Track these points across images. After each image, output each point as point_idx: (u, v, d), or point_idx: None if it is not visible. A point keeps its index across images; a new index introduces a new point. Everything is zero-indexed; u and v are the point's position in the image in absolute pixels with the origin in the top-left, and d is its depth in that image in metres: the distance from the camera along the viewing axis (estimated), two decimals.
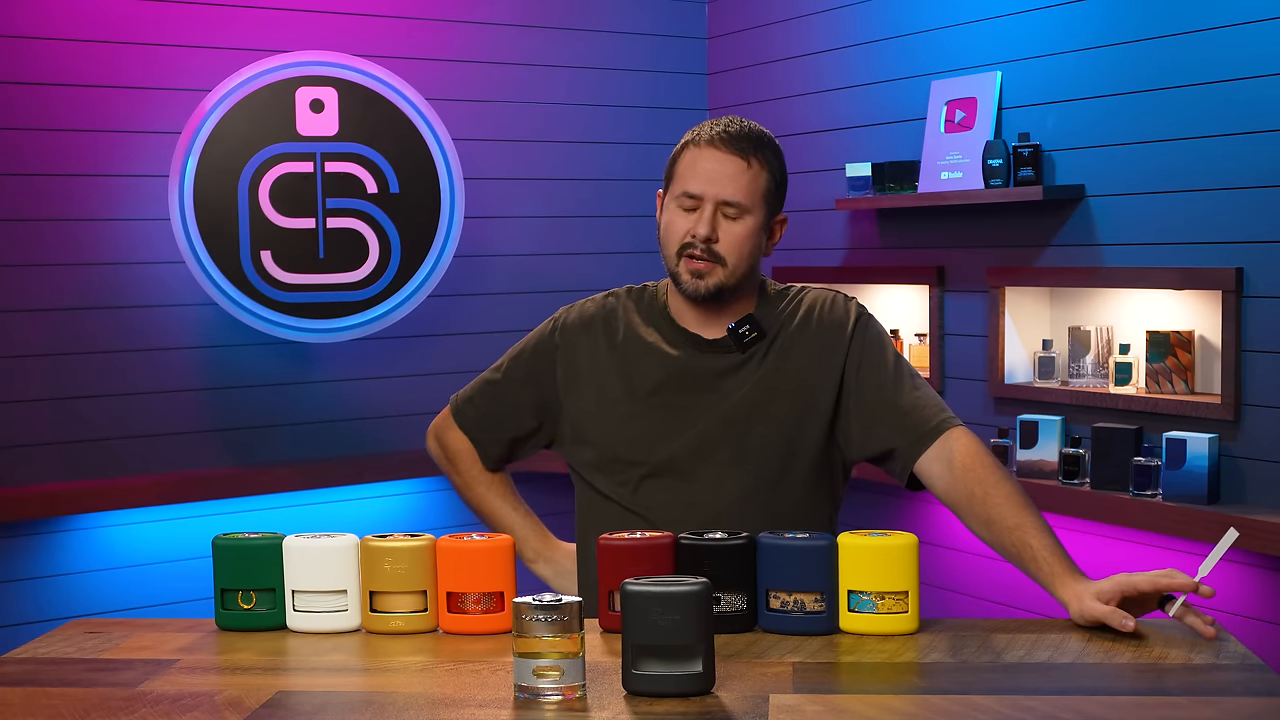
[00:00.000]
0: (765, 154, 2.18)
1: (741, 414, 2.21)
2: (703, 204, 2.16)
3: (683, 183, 2.18)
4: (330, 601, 2.02)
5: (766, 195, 2.19)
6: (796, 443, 2.22)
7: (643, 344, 2.27)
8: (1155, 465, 3.39)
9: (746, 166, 2.16)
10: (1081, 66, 3.64)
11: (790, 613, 1.95)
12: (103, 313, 3.99)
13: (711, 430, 2.22)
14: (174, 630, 2.06)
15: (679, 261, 2.19)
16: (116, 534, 4.01)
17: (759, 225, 2.19)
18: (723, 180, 2.15)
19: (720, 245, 2.16)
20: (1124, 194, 3.57)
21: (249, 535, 2.06)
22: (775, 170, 2.20)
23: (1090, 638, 1.92)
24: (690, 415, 2.23)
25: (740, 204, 2.16)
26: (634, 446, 2.24)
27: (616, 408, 2.25)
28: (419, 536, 2.03)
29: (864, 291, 4.43)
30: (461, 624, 2.00)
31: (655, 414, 2.24)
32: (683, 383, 2.24)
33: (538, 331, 2.37)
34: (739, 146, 2.16)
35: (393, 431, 4.41)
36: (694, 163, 2.17)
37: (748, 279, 2.23)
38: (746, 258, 2.19)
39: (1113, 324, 3.69)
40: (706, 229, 2.15)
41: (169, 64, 4.02)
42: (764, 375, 2.23)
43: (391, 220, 4.13)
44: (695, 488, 2.22)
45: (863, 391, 2.21)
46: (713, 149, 2.16)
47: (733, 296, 2.23)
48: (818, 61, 4.46)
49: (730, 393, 2.22)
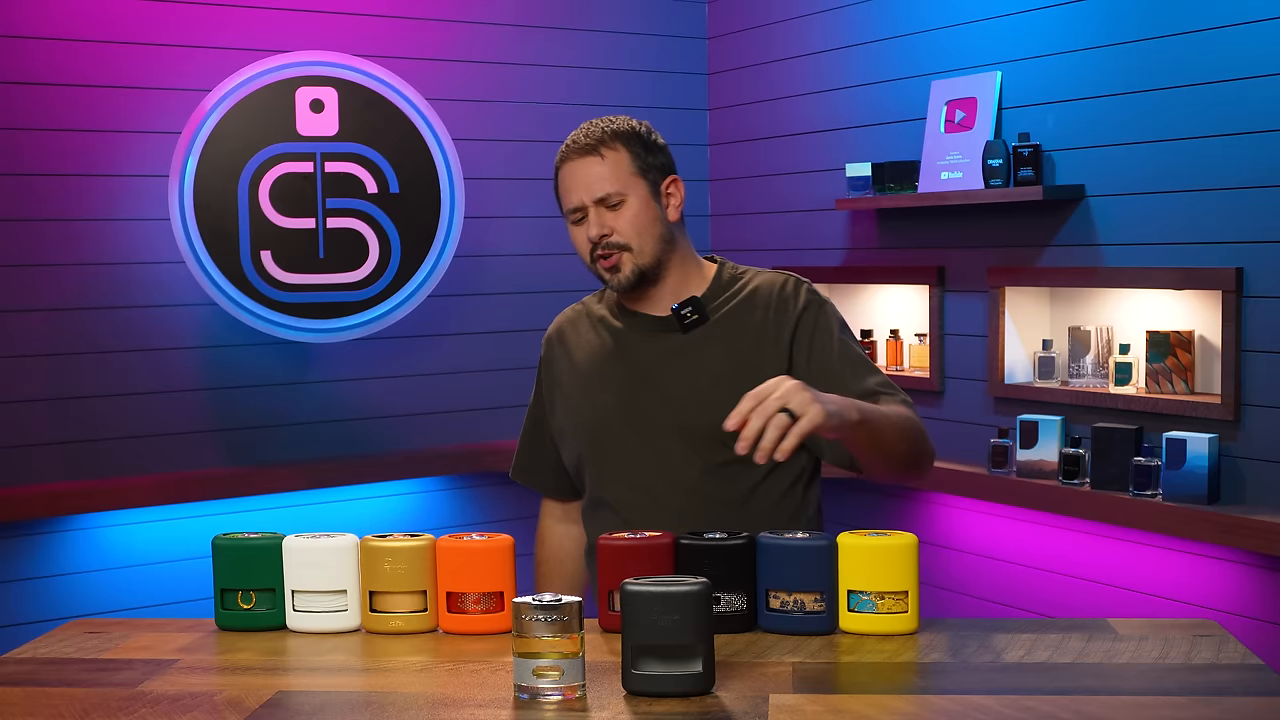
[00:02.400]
0: (613, 140, 2.29)
1: (685, 396, 2.28)
2: (586, 210, 2.29)
3: (564, 203, 2.32)
4: (330, 601, 2.02)
5: (637, 171, 2.29)
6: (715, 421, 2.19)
7: (598, 337, 2.38)
8: (1155, 465, 3.38)
9: (601, 160, 2.28)
10: (1081, 66, 3.64)
11: (790, 613, 1.95)
12: (103, 313, 3.99)
13: (660, 415, 2.28)
14: (174, 630, 2.06)
15: (595, 266, 2.31)
16: (116, 534, 4.01)
17: (645, 200, 2.29)
18: (587, 182, 2.28)
19: (616, 235, 2.28)
20: (1124, 194, 3.57)
21: (249, 535, 2.06)
22: (634, 147, 2.30)
23: (1090, 638, 1.92)
24: (641, 400, 2.30)
25: (612, 192, 2.27)
26: (596, 439, 2.33)
27: (581, 404, 2.36)
28: (419, 536, 2.03)
29: (864, 291, 4.43)
30: (461, 624, 2.00)
31: (611, 405, 2.32)
32: (632, 363, 2.32)
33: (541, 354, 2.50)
34: (585, 149, 2.29)
35: (393, 431, 4.41)
36: (562, 182, 2.32)
37: (666, 251, 2.31)
38: (647, 232, 2.29)
39: (1113, 324, 3.69)
40: (597, 230, 2.28)
41: (169, 64, 4.02)
42: (708, 358, 2.29)
43: (391, 220, 4.13)
44: (654, 476, 2.28)
45: (810, 378, 2.21)
46: (568, 164, 2.30)
47: (659, 273, 2.31)
48: (818, 61, 4.46)
49: (676, 375, 2.30)
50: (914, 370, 4.20)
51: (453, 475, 4.43)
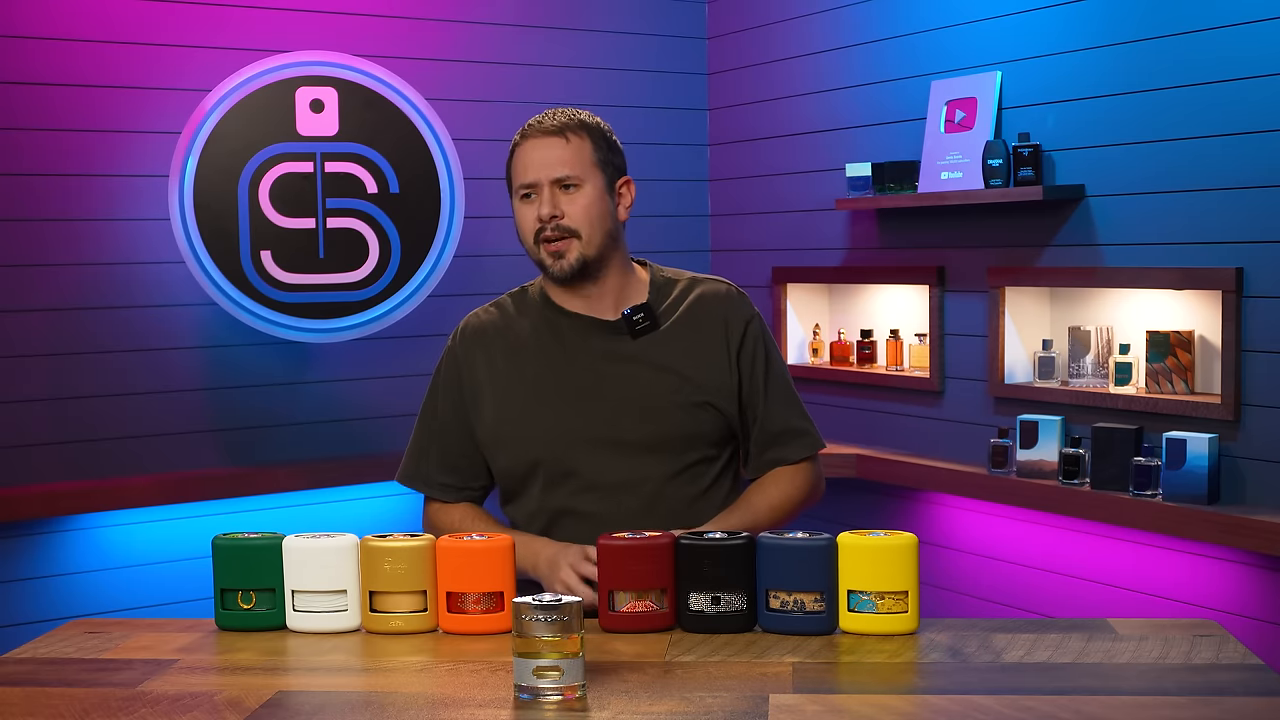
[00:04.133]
0: (583, 129, 2.32)
1: (647, 403, 2.29)
2: (540, 189, 2.30)
3: (518, 178, 2.33)
4: (330, 601, 2.02)
5: (596, 162, 2.32)
6: (683, 426, 2.30)
7: (529, 340, 2.36)
8: (1155, 465, 3.39)
9: (566, 143, 2.30)
10: (1081, 66, 3.64)
11: (790, 612, 1.95)
12: (103, 313, 3.99)
13: (624, 422, 2.29)
14: (174, 630, 2.06)
15: (539, 249, 2.33)
16: (116, 534, 4.01)
17: (599, 192, 2.31)
18: (549, 162, 2.29)
19: (567, 219, 2.29)
20: (1124, 194, 3.57)
21: (249, 535, 2.06)
22: (598, 140, 2.33)
23: (1090, 638, 1.92)
24: (602, 408, 2.29)
25: (572, 175, 2.29)
26: (556, 449, 2.30)
27: (531, 411, 2.32)
28: (419, 536, 2.03)
29: (865, 292, 4.43)
30: (461, 624, 2.00)
31: (572, 414, 2.30)
32: (586, 370, 2.32)
33: (445, 354, 2.45)
34: (554, 130, 2.31)
35: (393, 431, 4.40)
36: (521, 158, 2.33)
37: (609, 249, 2.33)
38: (597, 223, 2.31)
39: (1113, 324, 3.69)
40: (549, 208, 2.29)
41: (169, 64, 4.02)
42: (664, 363, 2.31)
43: (391, 220, 4.13)
44: (621, 483, 2.28)
45: (741, 391, 2.36)
46: (532, 140, 2.32)
47: (601, 268, 2.33)
48: (818, 61, 4.46)
49: (635, 381, 2.30)
50: (914, 370, 4.20)
51: None
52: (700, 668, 1.82)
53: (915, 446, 4.17)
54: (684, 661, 1.84)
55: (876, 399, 4.31)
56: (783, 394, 2.39)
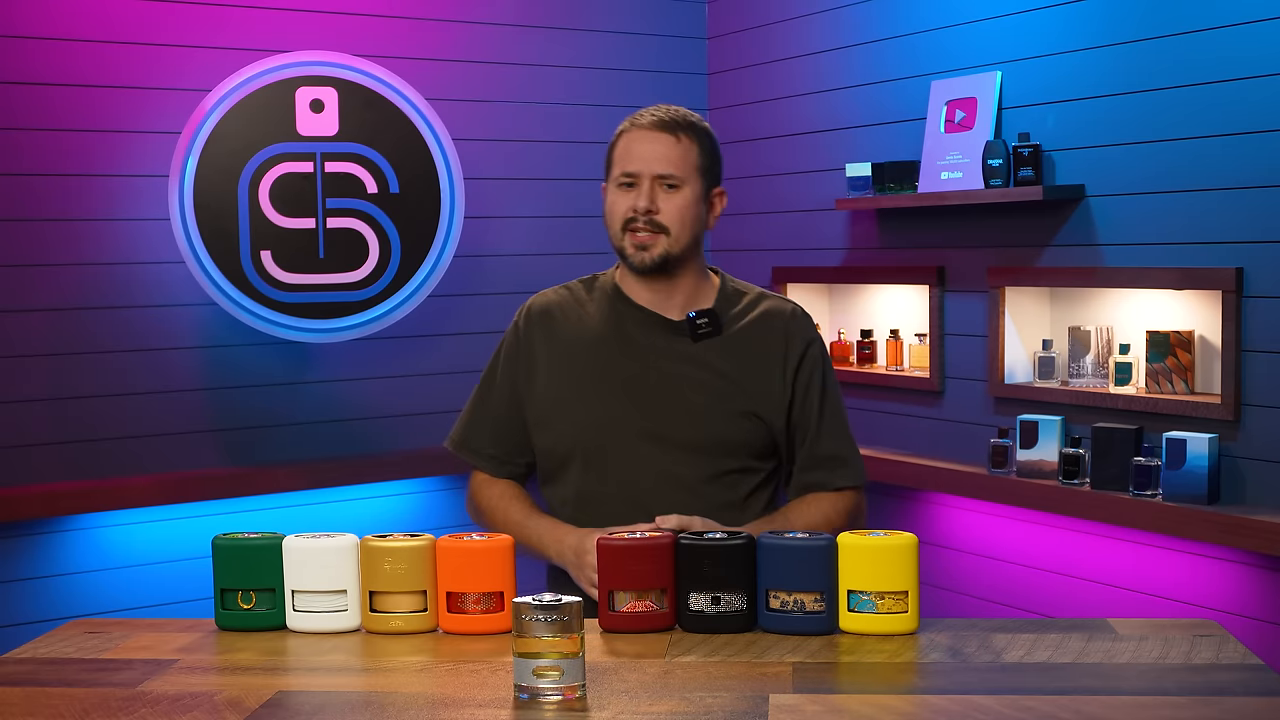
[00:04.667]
0: (694, 132, 2.34)
1: (698, 406, 2.30)
2: (641, 180, 2.31)
3: (621, 165, 2.33)
4: (330, 601, 2.02)
5: (700, 168, 2.33)
6: (725, 432, 2.32)
7: (592, 325, 2.38)
8: (1155, 465, 3.38)
9: (676, 141, 2.31)
10: (1081, 66, 3.64)
11: (790, 612, 1.95)
12: (103, 313, 3.99)
13: (673, 421, 2.30)
14: (174, 630, 2.06)
15: (624, 237, 2.33)
16: (116, 534, 4.01)
17: (697, 196, 2.33)
18: (656, 156, 2.30)
19: (661, 216, 2.30)
20: (1124, 194, 3.57)
21: (249, 535, 2.06)
22: (706, 146, 2.36)
23: (1090, 638, 1.92)
24: (653, 404, 2.31)
25: (676, 176, 2.30)
26: (601, 436, 2.32)
27: (583, 396, 2.34)
28: (419, 536, 2.03)
29: (865, 292, 4.43)
30: (461, 624, 2.00)
31: (621, 405, 2.32)
32: (643, 364, 2.33)
33: (509, 328, 2.48)
34: (669, 126, 2.32)
35: (392, 431, 4.41)
36: (629, 146, 2.33)
37: (691, 251, 2.35)
38: (688, 226, 2.32)
39: (1113, 324, 3.69)
40: (646, 201, 2.30)
41: (169, 64, 4.02)
42: (720, 370, 2.33)
43: (391, 220, 4.13)
44: (660, 478, 2.29)
45: (791, 412, 2.37)
46: (645, 131, 2.32)
47: (679, 269, 2.35)
48: (818, 61, 4.46)
49: (690, 383, 2.32)
50: (914, 370, 4.20)
51: (453, 475, 4.43)
52: (700, 668, 1.82)
53: (915, 446, 4.17)
54: (684, 661, 1.84)
55: (876, 399, 4.30)
56: (835, 421, 2.40)
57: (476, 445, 2.46)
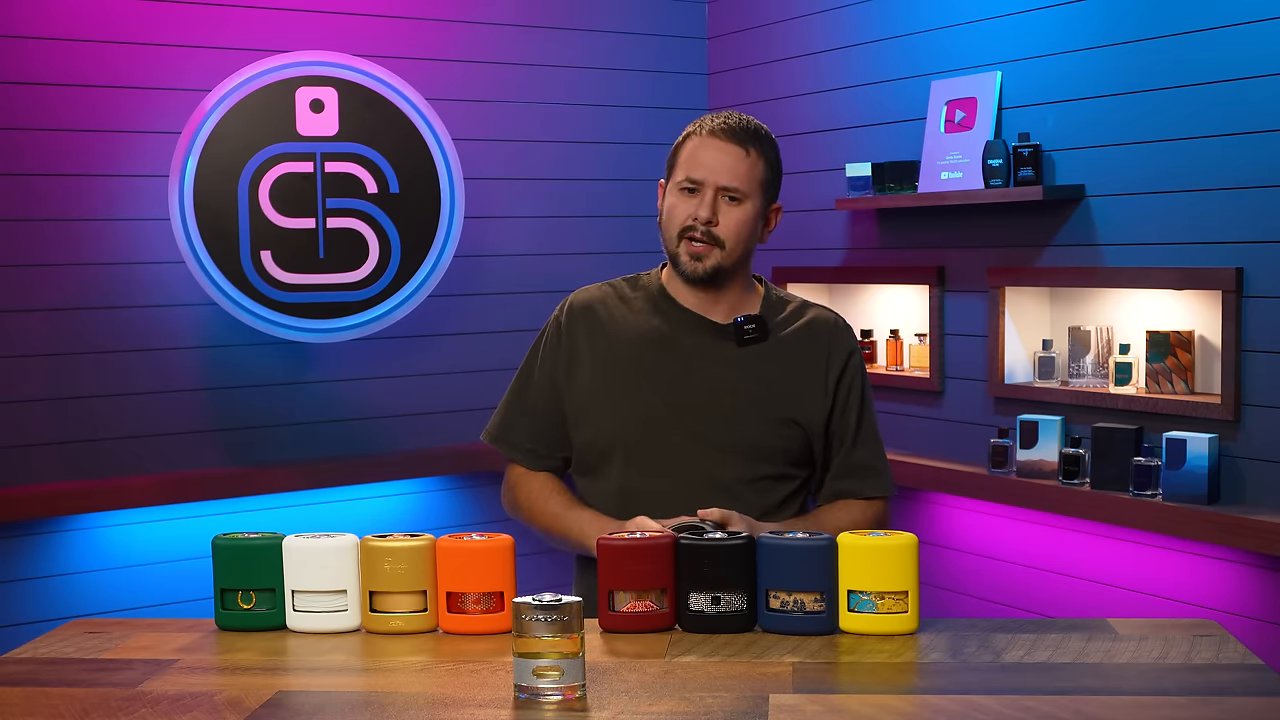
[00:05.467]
0: (762, 145, 2.32)
1: (739, 409, 2.31)
2: (703, 189, 2.29)
3: (685, 170, 2.30)
4: (330, 601, 2.02)
5: (764, 183, 2.32)
6: (763, 437, 2.32)
7: (635, 323, 2.37)
8: (1155, 465, 3.38)
9: (745, 155, 2.29)
10: (1081, 66, 3.64)
11: (790, 612, 1.95)
12: (103, 313, 3.99)
13: (713, 423, 2.30)
14: (174, 630, 2.06)
15: (679, 244, 2.31)
16: (116, 534, 4.01)
17: (757, 212, 2.33)
18: (723, 168, 2.28)
19: (719, 229, 2.29)
20: (1124, 194, 3.57)
21: (249, 535, 2.06)
22: (772, 161, 2.34)
23: (1090, 638, 1.92)
24: (695, 405, 2.31)
25: (740, 190, 2.29)
26: (641, 434, 2.31)
27: (627, 393, 2.33)
28: (419, 536, 2.03)
29: (865, 292, 4.43)
30: (461, 624, 2.00)
31: (664, 404, 2.31)
32: (687, 365, 2.33)
33: (550, 321, 2.45)
34: (739, 137, 2.29)
35: (392, 431, 4.41)
36: (696, 152, 2.30)
37: (742, 264, 2.36)
38: (743, 242, 2.33)
39: (1113, 324, 3.69)
40: (708, 212, 2.28)
41: (169, 64, 4.02)
42: (763, 376, 2.33)
43: (391, 220, 4.13)
44: (698, 479, 2.29)
45: (835, 421, 2.38)
46: (714, 139, 2.29)
47: (728, 280, 2.35)
48: (818, 61, 4.46)
49: (732, 387, 2.32)
50: (914, 370, 4.20)
51: (453, 475, 4.43)
52: (700, 668, 1.82)
53: (915, 446, 4.17)
54: (684, 661, 1.84)
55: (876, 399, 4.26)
56: (870, 433, 2.42)
57: (514, 439, 2.44)
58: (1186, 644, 1.88)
